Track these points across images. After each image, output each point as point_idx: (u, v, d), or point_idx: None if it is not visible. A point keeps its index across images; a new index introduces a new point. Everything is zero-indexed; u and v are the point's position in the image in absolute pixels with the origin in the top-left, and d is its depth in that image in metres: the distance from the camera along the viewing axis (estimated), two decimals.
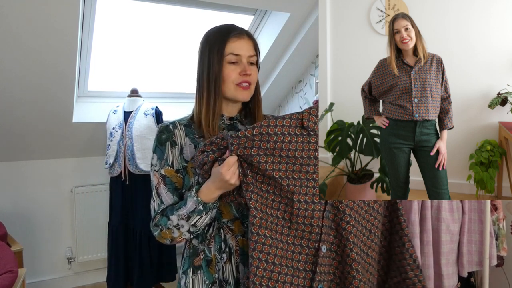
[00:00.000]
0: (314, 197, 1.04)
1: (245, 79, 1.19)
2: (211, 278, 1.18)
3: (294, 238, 1.04)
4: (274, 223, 1.04)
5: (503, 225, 2.02)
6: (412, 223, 1.82)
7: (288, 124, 1.06)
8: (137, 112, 2.86)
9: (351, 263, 1.04)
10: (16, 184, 3.06)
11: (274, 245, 1.03)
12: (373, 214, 1.10)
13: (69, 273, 3.28)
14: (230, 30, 1.21)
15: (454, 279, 1.89)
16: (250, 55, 1.20)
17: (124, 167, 2.82)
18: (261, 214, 1.03)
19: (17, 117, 2.72)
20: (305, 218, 1.03)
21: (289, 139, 1.05)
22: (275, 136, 1.05)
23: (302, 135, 1.07)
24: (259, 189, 1.06)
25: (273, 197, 1.05)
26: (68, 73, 2.57)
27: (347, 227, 1.04)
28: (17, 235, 2.85)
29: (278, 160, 1.04)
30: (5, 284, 2.06)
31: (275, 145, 1.05)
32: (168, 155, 1.20)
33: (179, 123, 1.23)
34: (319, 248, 1.03)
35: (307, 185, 1.05)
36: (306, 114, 1.07)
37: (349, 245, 1.04)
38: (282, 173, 1.04)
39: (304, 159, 1.06)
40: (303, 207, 1.03)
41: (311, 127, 1.07)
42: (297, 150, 1.06)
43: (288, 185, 1.03)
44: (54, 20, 2.20)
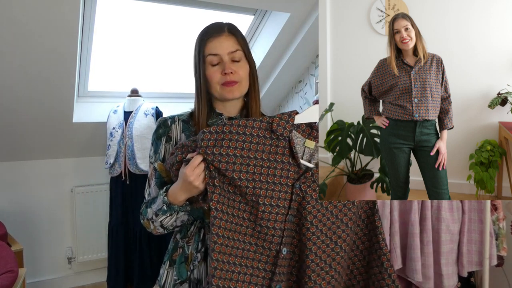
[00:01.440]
0: (279, 201, 1.05)
1: (227, 78, 1.18)
2: (185, 275, 1.19)
3: (257, 240, 1.04)
4: (239, 224, 1.04)
5: (503, 225, 2.02)
6: (412, 223, 1.82)
7: (258, 127, 1.06)
8: (137, 112, 2.86)
9: (305, 268, 1.05)
10: (16, 184, 3.06)
11: (236, 246, 1.03)
12: (341, 226, 1.08)
13: (69, 273, 3.28)
14: (208, 31, 1.20)
15: (454, 279, 1.89)
16: (230, 51, 1.18)
17: (124, 167, 2.82)
18: (221, 214, 1.03)
19: (17, 117, 2.72)
20: (269, 221, 1.04)
21: (257, 141, 1.06)
22: (244, 136, 1.05)
23: (271, 138, 1.07)
24: (225, 191, 1.05)
25: (240, 199, 1.05)
26: (68, 73, 2.57)
27: (307, 234, 1.05)
28: (17, 235, 2.85)
29: (246, 162, 1.04)
30: (5, 284, 2.06)
31: (243, 145, 1.05)
32: (162, 150, 1.22)
33: (178, 118, 1.24)
34: (280, 250, 1.05)
35: (273, 188, 1.05)
36: (277, 119, 1.08)
37: (305, 251, 1.05)
38: (249, 175, 1.04)
39: (271, 162, 1.06)
40: (268, 210, 1.04)
41: (280, 131, 1.07)
42: (264, 152, 1.06)
43: (254, 187, 1.04)
44: (54, 20, 2.20)
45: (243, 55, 1.20)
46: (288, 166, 1.07)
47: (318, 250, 1.05)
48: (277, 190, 1.05)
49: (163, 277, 1.24)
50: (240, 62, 1.20)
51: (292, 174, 1.07)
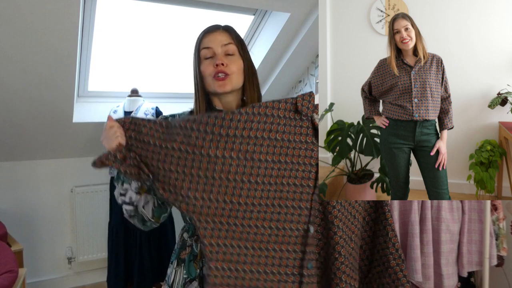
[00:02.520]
0: (303, 181, 1.06)
1: (218, 69, 1.19)
2: (194, 273, 1.20)
3: (284, 223, 1.05)
4: (262, 212, 1.04)
5: (503, 225, 2.02)
6: (412, 223, 1.82)
7: (283, 108, 1.07)
8: (137, 112, 2.86)
9: (334, 245, 1.08)
10: (16, 184, 3.06)
11: (260, 233, 1.03)
12: (361, 205, 1.16)
13: (69, 273, 3.28)
14: (205, 29, 1.26)
15: (454, 279, 1.89)
16: (223, 44, 1.21)
17: None
18: (237, 206, 1.02)
19: (17, 117, 2.72)
20: (294, 200, 1.05)
21: (284, 122, 1.07)
22: (272, 118, 1.06)
23: (295, 119, 1.08)
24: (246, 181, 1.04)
25: (263, 180, 1.04)
26: (68, 73, 2.57)
27: (333, 211, 1.08)
28: (17, 235, 2.85)
29: (273, 144, 1.05)
30: (5, 284, 2.06)
31: (271, 127, 1.05)
32: None
33: (178, 117, 1.26)
34: (308, 229, 1.06)
35: (297, 168, 1.06)
36: (300, 99, 1.09)
37: (333, 228, 1.08)
38: (276, 157, 1.05)
39: (297, 143, 1.07)
40: (292, 190, 1.05)
41: (305, 111, 1.08)
42: (290, 133, 1.07)
43: (279, 169, 1.04)
44: (54, 20, 2.20)
45: (236, 50, 1.23)
46: (312, 146, 1.09)
47: (343, 225, 1.09)
48: (301, 170, 1.06)
49: (171, 277, 1.24)
50: (233, 56, 1.22)
51: (316, 154, 1.09)
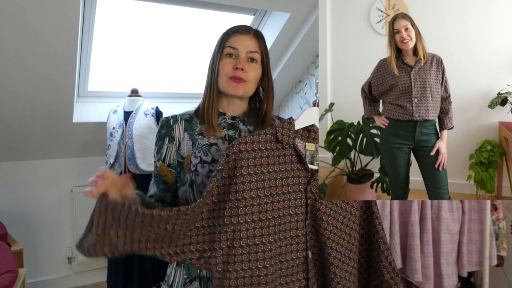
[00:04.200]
0: (296, 209, 1.07)
1: (236, 73, 1.18)
2: (193, 273, 1.20)
3: (286, 255, 1.06)
4: (267, 250, 1.04)
5: (503, 225, 2.02)
6: (412, 223, 1.82)
7: (264, 140, 1.08)
8: (137, 112, 2.86)
9: (329, 266, 1.08)
10: (16, 184, 3.06)
11: (264, 273, 1.03)
12: (351, 218, 1.13)
13: (69, 273, 3.28)
14: (236, 27, 1.24)
15: (454, 279, 1.89)
16: (249, 51, 1.20)
17: (124, 167, 2.82)
18: (242, 250, 1.02)
19: (17, 117, 2.72)
20: (291, 230, 1.07)
21: (266, 154, 1.07)
22: (253, 153, 1.06)
23: (278, 149, 1.09)
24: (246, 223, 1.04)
25: (259, 224, 1.04)
26: (68, 73, 2.57)
27: (325, 233, 1.08)
28: (17, 235, 2.85)
29: (261, 178, 1.05)
30: (5, 284, 2.06)
31: (255, 162, 1.06)
32: (164, 150, 1.23)
33: (180, 118, 1.25)
34: (307, 255, 1.08)
35: (289, 198, 1.07)
36: (280, 129, 1.10)
37: (326, 249, 1.08)
38: (267, 191, 1.05)
39: (283, 172, 1.08)
40: (288, 220, 1.06)
41: (285, 140, 1.09)
42: (275, 164, 1.08)
43: (273, 202, 1.05)
44: (54, 20, 2.20)
45: (260, 59, 1.23)
46: (298, 172, 1.09)
47: (337, 245, 1.10)
48: (293, 199, 1.08)
49: (171, 277, 1.24)
50: (255, 64, 1.22)
51: (303, 180, 1.10)
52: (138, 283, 2.84)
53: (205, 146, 1.21)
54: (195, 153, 1.20)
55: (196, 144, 1.21)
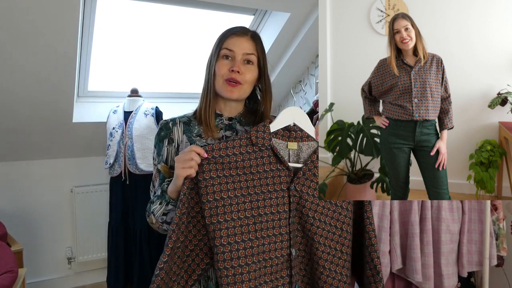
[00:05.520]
0: (278, 207, 1.09)
1: (232, 76, 1.19)
2: None
3: (270, 253, 1.08)
4: (248, 247, 1.06)
5: (503, 225, 2.02)
6: (412, 223, 1.82)
7: (238, 145, 1.11)
8: (137, 112, 2.86)
9: (317, 260, 1.10)
10: (16, 184, 3.06)
11: (247, 271, 1.06)
12: (342, 212, 1.14)
13: (69, 273, 3.28)
14: (233, 29, 1.24)
15: (454, 279, 1.89)
16: (246, 53, 1.21)
17: (124, 167, 2.82)
18: (224, 248, 1.05)
19: (17, 117, 2.72)
20: (274, 229, 1.08)
21: (241, 158, 1.10)
22: (228, 158, 1.09)
23: (254, 151, 1.12)
24: (226, 222, 1.07)
25: (240, 223, 1.07)
26: (68, 73, 2.57)
27: (312, 229, 1.10)
28: (17, 235, 2.85)
29: (237, 180, 1.08)
30: (5, 284, 2.06)
31: (230, 165, 1.09)
32: (164, 152, 1.24)
33: (179, 120, 1.26)
34: (290, 253, 1.10)
35: (270, 197, 1.09)
36: (254, 132, 1.13)
37: (314, 244, 1.10)
38: (244, 191, 1.08)
39: (261, 173, 1.10)
40: (270, 219, 1.08)
41: (260, 142, 1.12)
42: (252, 166, 1.10)
43: (251, 201, 1.08)
44: (54, 20, 2.20)
45: (256, 61, 1.23)
46: (278, 172, 1.12)
47: (326, 240, 1.11)
48: (275, 198, 1.10)
49: None
50: (251, 66, 1.22)
51: (284, 179, 1.12)
52: (138, 283, 2.84)
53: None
54: None
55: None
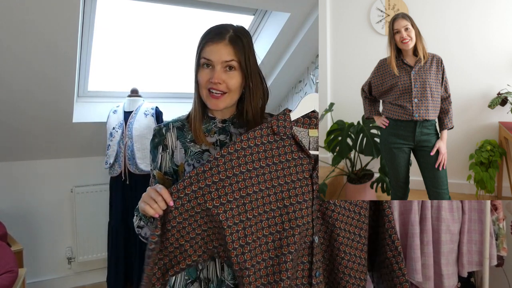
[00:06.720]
0: (304, 195, 1.09)
1: (213, 87, 1.16)
2: (194, 274, 1.21)
3: (295, 244, 1.06)
4: (276, 239, 1.06)
5: (503, 225, 2.02)
6: (412, 223, 1.82)
7: (259, 135, 1.10)
8: (137, 112, 2.86)
9: (338, 246, 1.11)
10: (16, 184, 3.06)
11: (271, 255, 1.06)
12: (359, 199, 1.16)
13: (69, 273, 3.28)
14: (209, 34, 1.18)
15: (454, 279, 1.89)
16: (224, 61, 1.15)
17: (124, 167, 2.82)
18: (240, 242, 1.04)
19: (18, 117, 2.72)
20: (302, 218, 1.07)
21: (263, 149, 1.09)
22: (250, 149, 1.08)
23: (276, 141, 1.10)
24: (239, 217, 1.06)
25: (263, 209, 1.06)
26: (68, 73, 2.57)
27: (333, 215, 1.11)
28: (17, 235, 2.85)
29: (261, 172, 1.07)
30: (5, 284, 2.06)
31: (252, 158, 1.07)
32: (159, 159, 1.23)
33: (172, 126, 1.24)
34: (313, 240, 1.09)
35: (294, 186, 1.08)
36: (275, 121, 1.11)
37: (335, 231, 1.11)
38: (268, 183, 1.07)
39: (284, 163, 1.09)
40: (297, 208, 1.07)
41: (282, 131, 1.10)
42: (274, 156, 1.09)
43: (275, 193, 1.06)
44: (54, 20, 2.20)
45: (238, 66, 1.17)
46: (300, 160, 1.11)
47: (346, 225, 1.12)
48: (299, 187, 1.09)
49: (172, 278, 1.25)
50: (233, 72, 1.17)
51: (307, 167, 1.11)
52: (138, 283, 2.84)
53: (198, 154, 1.21)
54: (188, 161, 1.21)
55: (189, 152, 1.21)
